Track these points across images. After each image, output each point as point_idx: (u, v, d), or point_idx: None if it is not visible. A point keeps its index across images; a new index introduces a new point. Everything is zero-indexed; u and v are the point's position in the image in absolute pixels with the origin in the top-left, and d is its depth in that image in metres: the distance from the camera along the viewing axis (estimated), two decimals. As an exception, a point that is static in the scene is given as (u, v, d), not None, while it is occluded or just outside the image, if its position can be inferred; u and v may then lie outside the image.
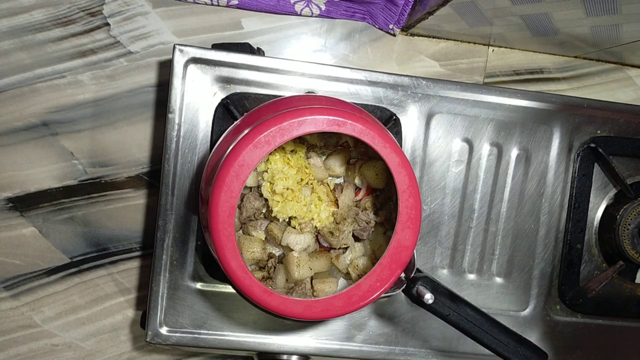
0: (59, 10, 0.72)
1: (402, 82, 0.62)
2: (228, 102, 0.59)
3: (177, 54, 0.58)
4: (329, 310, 0.48)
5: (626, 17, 0.61)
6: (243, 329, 0.62)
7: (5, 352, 0.78)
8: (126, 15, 0.73)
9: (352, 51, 0.77)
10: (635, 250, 0.65)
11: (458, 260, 0.65)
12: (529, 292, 0.66)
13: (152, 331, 0.61)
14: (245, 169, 0.46)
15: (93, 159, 0.75)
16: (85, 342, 0.79)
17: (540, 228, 0.66)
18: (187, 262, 0.61)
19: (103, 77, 0.74)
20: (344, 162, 0.59)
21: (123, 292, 0.78)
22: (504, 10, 0.64)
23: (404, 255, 0.49)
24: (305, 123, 0.46)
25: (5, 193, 0.75)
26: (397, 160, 0.48)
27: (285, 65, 0.60)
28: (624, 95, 0.82)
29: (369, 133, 0.47)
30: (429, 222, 0.64)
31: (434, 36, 0.77)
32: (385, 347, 0.64)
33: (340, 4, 0.73)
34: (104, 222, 0.77)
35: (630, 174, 0.67)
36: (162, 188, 0.59)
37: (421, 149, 0.64)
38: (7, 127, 0.74)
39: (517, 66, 0.80)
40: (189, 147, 0.60)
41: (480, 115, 0.64)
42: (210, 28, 0.74)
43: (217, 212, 0.46)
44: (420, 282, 0.51)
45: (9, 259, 0.76)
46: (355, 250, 0.58)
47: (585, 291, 0.66)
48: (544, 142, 0.65)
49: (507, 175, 0.65)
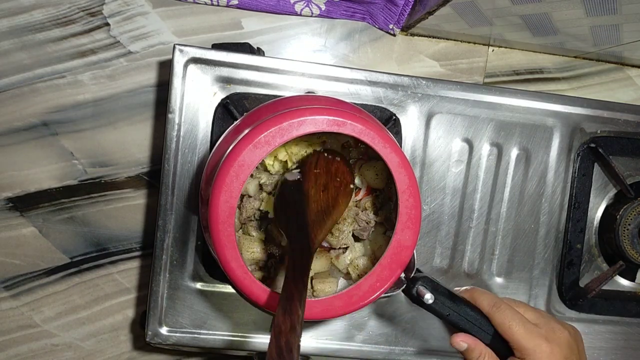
0: (59, 10, 0.72)
1: (402, 82, 0.62)
2: (228, 102, 0.59)
3: (177, 54, 0.58)
4: (329, 310, 0.48)
5: (626, 17, 0.61)
6: (243, 329, 0.62)
7: (5, 352, 0.78)
8: (126, 15, 0.73)
9: (352, 51, 0.77)
10: (635, 250, 0.65)
11: (458, 260, 0.65)
12: (529, 292, 0.66)
13: (152, 331, 0.61)
14: (245, 169, 0.46)
15: (93, 159, 0.75)
16: (85, 342, 0.79)
17: (540, 228, 0.66)
18: (187, 262, 0.61)
19: (103, 77, 0.74)
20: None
21: (123, 292, 0.78)
22: (504, 10, 0.64)
23: (404, 255, 0.49)
24: (305, 123, 0.46)
25: (5, 193, 0.75)
26: (397, 161, 0.48)
27: (285, 65, 0.60)
28: (624, 95, 0.82)
29: (369, 133, 0.47)
30: (429, 222, 0.64)
31: (434, 36, 0.77)
32: (385, 347, 0.64)
33: (340, 4, 0.73)
34: (104, 222, 0.77)
35: (630, 174, 0.67)
36: (162, 188, 0.59)
37: (421, 149, 0.64)
38: (7, 127, 0.74)
39: (517, 66, 0.80)
40: (189, 147, 0.60)
41: (480, 115, 0.64)
42: (210, 28, 0.74)
43: (217, 212, 0.46)
44: (420, 282, 0.51)
45: (9, 259, 0.76)
46: (355, 250, 0.58)
47: (585, 291, 0.66)
48: (544, 142, 0.65)
49: (507, 175, 0.65)
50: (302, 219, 0.46)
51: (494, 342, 0.52)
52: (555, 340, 0.49)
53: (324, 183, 0.50)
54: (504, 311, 0.50)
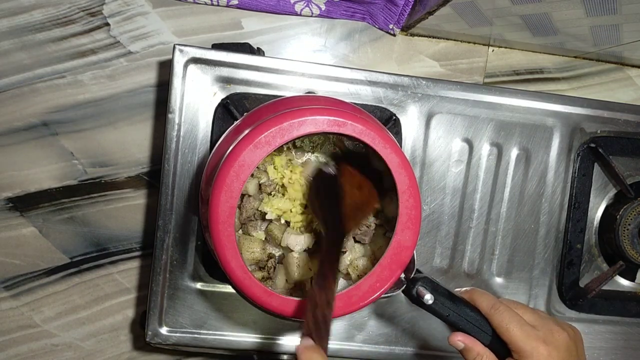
0: (59, 10, 0.72)
1: (402, 82, 0.62)
2: (228, 102, 0.59)
3: (177, 54, 0.58)
4: (329, 310, 0.48)
5: (626, 17, 0.61)
6: (243, 329, 0.62)
7: (5, 352, 0.78)
8: (126, 15, 0.73)
9: (352, 51, 0.77)
10: (635, 250, 0.65)
11: (458, 260, 0.65)
12: (529, 292, 0.66)
13: (152, 331, 0.61)
14: (246, 170, 0.46)
15: (93, 159, 0.75)
16: (85, 342, 0.79)
17: (540, 228, 0.66)
18: (187, 262, 0.61)
19: (103, 77, 0.74)
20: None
21: (123, 292, 0.78)
22: (504, 10, 0.64)
23: (404, 256, 0.49)
24: (306, 123, 0.46)
25: (5, 193, 0.75)
26: (397, 161, 0.48)
27: (285, 65, 0.60)
28: (624, 95, 0.82)
29: (369, 133, 0.47)
30: (429, 222, 0.64)
31: (434, 36, 0.77)
32: (385, 347, 0.64)
33: (340, 4, 0.73)
34: (104, 222, 0.77)
35: (630, 174, 0.67)
36: (162, 188, 0.59)
37: (421, 149, 0.64)
38: (7, 127, 0.74)
39: (517, 66, 0.80)
40: (189, 147, 0.60)
41: (480, 115, 0.64)
42: (210, 28, 0.74)
43: (217, 212, 0.46)
44: (420, 283, 0.51)
45: (9, 259, 0.76)
46: (355, 251, 0.58)
47: (585, 291, 0.66)
48: (544, 142, 0.65)
49: (507, 175, 0.65)
50: (337, 210, 0.49)
51: (493, 342, 0.52)
52: (553, 342, 0.49)
53: (358, 182, 0.53)
54: (502, 313, 0.50)
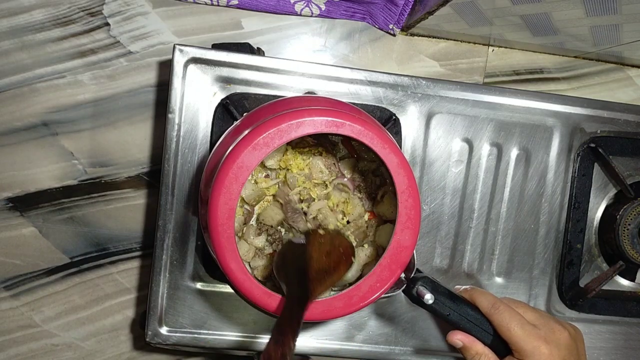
0: (59, 10, 0.72)
1: (402, 82, 0.62)
2: (228, 102, 0.59)
3: (177, 54, 0.58)
4: (329, 311, 0.48)
5: (626, 17, 0.61)
6: (243, 329, 0.62)
7: (5, 352, 0.78)
8: (126, 15, 0.73)
9: (352, 51, 0.77)
10: (635, 250, 0.65)
11: (458, 260, 0.65)
12: (529, 292, 0.66)
13: (152, 331, 0.61)
14: (245, 171, 0.46)
15: (93, 159, 0.75)
16: (85, 342, 0.79)
17: (540, 228, 0.66)
18: (187, 262, 0.61)
19: (103, 77, 0.74)
20: (351, 169, 0.59)
21: (123, 292, 0.78)
22: (504, 10, 0.64)
23: (403, 256, 0.49)
24: (304, 124, 0.46)
25: (5, 193, 0.75)
26: (396, 161, 0.48)
27: (285, 65, 0.60)
28: (624, 95, 0.82)
29: (368, 134, 0.47)
30: (429, 222, 0.64)
31: (434, 36, 0.77)
32: (385, 347, 0.64)
33: (340, 4, 0.73)
34: (104, 222, 0.77)
35: (630, 174, 0.67)
36: (162, 188, 0.59)
37: (421, 149, 0.64)
38: (7, 127, 0.74)
39: (517, 66, 0.80)
40: (189, 147, 0.60)
41: (480, 115, 0.64)
42: (210, 28, 0.74)
43: (216, 213, 0.46)
44: (420, 283, 0.51)
45: (9, 259, 0.76)
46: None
47: (585, 291, 0.66)
48: (544, 142, 0.65)
49: (507, 175, 0.65)
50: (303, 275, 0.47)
51: (494, 342, 0.52)
52: (554, 341, 0.49)
53: (327, 250, 0.52)
54: (503, 312, 0.50)
